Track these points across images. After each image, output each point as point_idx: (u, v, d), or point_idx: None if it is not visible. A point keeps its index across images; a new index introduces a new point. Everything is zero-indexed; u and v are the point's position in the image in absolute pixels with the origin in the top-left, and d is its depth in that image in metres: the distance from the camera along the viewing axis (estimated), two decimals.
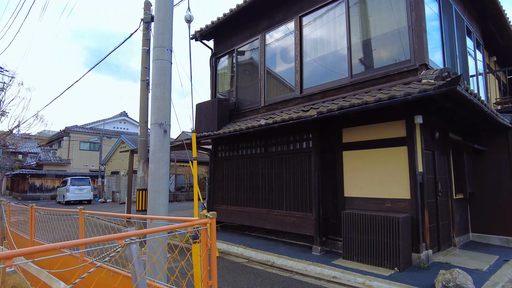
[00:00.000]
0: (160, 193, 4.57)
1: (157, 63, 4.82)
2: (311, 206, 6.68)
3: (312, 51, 7.21)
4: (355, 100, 5.51)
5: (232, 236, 8.35)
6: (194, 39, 9.86)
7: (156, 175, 4.60)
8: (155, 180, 4.59)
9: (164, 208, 4.54)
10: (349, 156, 6.56)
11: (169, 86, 4.91)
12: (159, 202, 4.53)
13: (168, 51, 4.90)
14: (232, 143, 8.97)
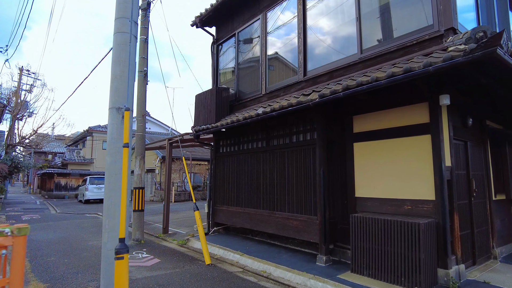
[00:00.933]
0: (117, 192, 3.79)
1: (117, 36, 4.05)
2: (316, 208, 5.68)
3: (317, 27, 6.20)
4: (363, 78, 4.47)
5: (233, 240, 7.50)
6: (195, 26, 9.11)
7: (112, 170, 3.84)
8: (111, 175, 3.82)
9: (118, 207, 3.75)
10: (361, 148, 5.50)
11: (131, 64, 4.12)
12: (115, 202, 3.76)
13: (130, 22, 4.12)
14: (232, 137, 8.12)
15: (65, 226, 11.08)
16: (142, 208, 8.63)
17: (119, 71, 3.90)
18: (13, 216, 13.97)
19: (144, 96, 9.00)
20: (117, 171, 3.74)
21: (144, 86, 9.00)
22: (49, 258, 6.57)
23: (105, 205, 3.72)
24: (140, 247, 7.67)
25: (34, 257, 6.64)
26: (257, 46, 7.52)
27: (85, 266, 5.95)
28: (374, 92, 4.95)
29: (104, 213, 3.74)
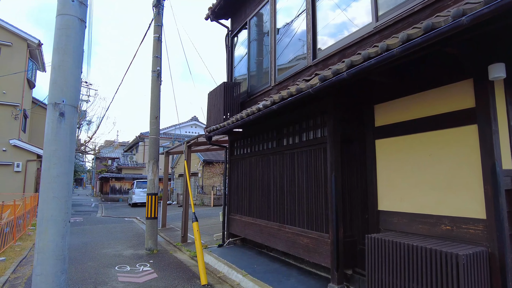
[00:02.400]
0: (50, 204, 3.09)
1: (58, 20, 3.36)
2: (327, 223, 4.51)
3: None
4: (372, 49, 3.26)
5: (244, 255, 6.57)
6: (209, 18, 8.44)
7: (46, 177, 3.15)
8: (44, 184, 3.14)
9: (54, 225, 3.06)
10: (385, 146, 4.23)
11: (76, 52, 3.44)
12: (47, 217, 3.07)
13: (75, 3, 3.45)
14: (245, 137, 7.22)
15: (97, 230, 11.16)
16: (155, 216, 8.13)
17: (58, 60, 3.24)
18: None
19: (158, 97, 8.55)
20: (51, 179, 3.08)
21: (157, 86, 8.55)
22: None
23: (38, 219, 3.09)
24: (149, 258, 7.14)
25: None
26: (267, 33, 6.54)
27: (81, 278, 5.52)
28: (392, 70, 3.71)
29: (37, 229, 3.11)
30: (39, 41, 16.75)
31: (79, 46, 3.46)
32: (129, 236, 9.94)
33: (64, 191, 3.10)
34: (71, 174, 3.28)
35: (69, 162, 3.13)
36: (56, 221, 3.03)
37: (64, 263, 3.15)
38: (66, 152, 3.13)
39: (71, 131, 3.21)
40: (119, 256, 7.21)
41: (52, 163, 3.09)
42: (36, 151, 16.47)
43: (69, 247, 8.29)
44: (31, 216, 11.38)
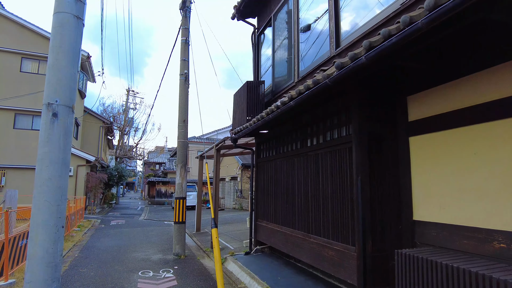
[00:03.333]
0: (41, 208, 2.94)
1: (54, 18, 3.27)
2: (354, 234, 3.93)
3: None
4: (393, 26, 2.70)
5: (270, 265, 6.12)
6: (235, 18, 8.20)
7: (38, 180, 3.02)
8: (36, 187, 3.00)
9: (45, 230, 2.90)
10: (420, 144, 3.56)
11: (71, 50, 3.31)
12: (38, 222, 2.92)
13: (71, 0, 3.34)
14: (270, 139, 6.79)
15: (134, 233, 11.42)
16: (183, 220, 8.00)
17: (52, 59, 3.13)
18: (107, 220, 15.43)
19: (186, 100, 8.47)
20: (42, 182, 2.93)
21: (185, 89, 8.48)
22: (82, 269, 6.41)
23: (30, 224, 2.96)
24: (175, 263, 6.98)
25: (74, 266, 6.60)
26: (290, 26, 6.08)
27: (102, 282, 5.49)
28: (423, 51, 3.07)
29: (29, 234, 2.97)
30: (88, 54, 17.91)
31: (75, 44, 3.28)
32: (163, 240, 9.97)
33: (57, 195, 2.92)
34: (65, 177, 3.09)
35: (62, 164, 2.95)
36: (47, 226, 2.85)
37: (56, 271, 2.94)
38: (59, 154, 2.95)
39: (65, 132, 3.03)
40: (146, 261, 7.16)
41: (44, 165, 2.92)
42: (85, 156, 17.53)
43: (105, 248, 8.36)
44: (76, 218, 11.97)
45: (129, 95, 29.45)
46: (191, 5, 8.76)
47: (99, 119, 23.17)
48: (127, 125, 28.14)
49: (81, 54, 13.44)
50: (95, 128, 22.51)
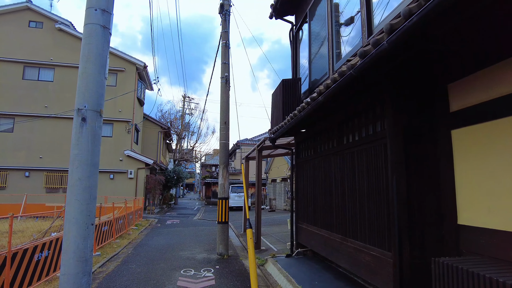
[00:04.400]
0: (73, 206, 3.18)
1: (84, 30, 3.55)
2: (390, 239, 3.57)
3: None
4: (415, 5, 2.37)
5: (310, 268, 5.89)
6: (273, 17, 8.11)
7: (70, 181, 3.27)
8: (68, 187, 3.25)
9: (76, 227, 3.12)
10: (464, 138, 3.11)
11: (98, 58, 3.53)
12: (70, 219, 3.16)
13: (98, 11, 3.56)
14: (309, 138, 6.54)
15: (185, 232, 11.91)
16: (225, 220, 8.11)
17: (81, 68, 3.37)
18: (164, 220, 16.38)
19: (227, 102, 8.60)
20: (73, 182, 3.15)
21: (226, 92, 8.61)
22: (132, 265, 6.85)
23: (64, 221, 3.20)
24: (217, 263, 7.10)
25: (125, 262, 7.08)
26: (325, 19, 5.80)
27: (146, 278, 5.78)
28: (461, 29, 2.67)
29: (64, 230, 3.20)
30: (144, 64, 19.28)
31: (102, 52, 3.47)
32: (211, 240, 10.23)
33: (86, 194, 3.10)
34: (94, 178, 3.27)
35: (91, 166, 3.13)
36: (77, 223, 3.04)
37: (87, 265, 3.12)
38: (88, 156, 3.13)
39: (93, 135, 3.21)
40: (190, 259, 7.39)
41: (75, 166, 3.12)
42: (144, 160, 18.85)
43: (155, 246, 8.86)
44: (134, 218, 12.88)
45: (185, 101, 31.03)
46: (230, 8, 8.90)
47: (157, 124, 24.78)
48: (184, 129, 29.64)
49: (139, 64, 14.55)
50: (154, 133, 24.11)
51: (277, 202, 23.27)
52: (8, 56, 17.89)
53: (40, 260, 5.11)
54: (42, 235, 7.95)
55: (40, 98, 17.96)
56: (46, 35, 18.65)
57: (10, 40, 18.11)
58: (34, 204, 15.61)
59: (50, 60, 18.34)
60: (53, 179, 17.75)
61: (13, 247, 4.52)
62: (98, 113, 3.23)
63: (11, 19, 18.36)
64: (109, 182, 17.93)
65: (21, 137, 17.56)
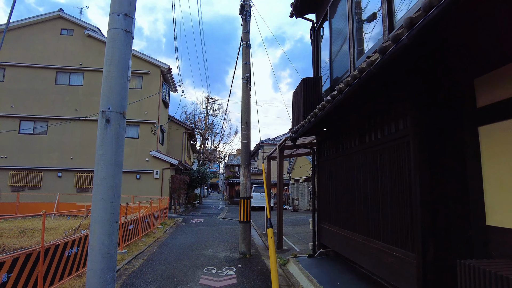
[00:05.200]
0: (98, 204, 3.33)
1: (108, 34, 3.70)
2: (413, 239, 3.45)
3: None
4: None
5: (333, 269, 5.81)
6: (294, 16, 8.07)
7: (95, 180, 3.42)
8: (94, 186, 3.41)
9: (101, 225, 3.25)
10: (492, 135, 2.96)
11: (121, 61, 3.66)
12: (95, 217, 3.30)
13: (120, 16, 3.70)
14: (331, 136, 6.45)
15: (209, 231, 12.08)
16: (247, 220, 8.14)
17: (105, 71, 3.51)
18: (188, 219, 16.70)
19: (247, 102, 8.64)
20: (98, 181, 3.28)
21: (247, 92, 8.66)
22: (156, 263, 7.03)
23: (90, 218, 3.33)
24: (239, 262, 7.15)
25: (150, 260, 7.29)
26: (345, 16, 5.70)
27: (169, 276, 5.92)
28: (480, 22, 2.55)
29: (90, 227, 3.34)
30: (168, 66, 19.74)
31: (125, 56, 3.58)
32: (233, 239, 10.31)
33: (110, 192, 3.21)
34: (118, 177, 3.38)
35: (115, 165, 3.24)
36: (102, 221, 3.16)
37: (111, 261, 3.23)
38: (112, 156, 3.25)
39: (117, 135, 3.32)
40: (213, 258, 7.49)
41: (100, 166, 3.25)
42: (169, 160, 19.28)
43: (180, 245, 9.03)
44: (160, 217, 13.22)
45: (208, 102, 31.47)
46: (250, 9, 8.94)
47: (182, 125, 25.28)
48: (207, 130, 30.08)
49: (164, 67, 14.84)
50: (178, 134, 24.62)
51: (300, 202, 23.11)
52: (43, 62, 18.88)
53: (71, 256, 5.36)
54: (73, 232, 8.33)
55: (70, 102, 18.82)
56: (76, 42, 19.52)
57: (44, 47, 19.10)
58: (66, 203, 16.39)
59: (80, 65, 19.17)
60: (83, 179, 18.54)
61: (46, 243, 4.77)
62: (121, 115, 3.34)
63: (45, 28, 19.37)
64: (135, 182, 18.49)
65: (54, 139, 18.47)
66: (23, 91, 18.56)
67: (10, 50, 18.36)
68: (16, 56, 18.62)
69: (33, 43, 19.05)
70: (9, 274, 4.00)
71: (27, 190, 17.84)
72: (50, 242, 5.02)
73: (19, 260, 4.13)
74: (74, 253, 5.48)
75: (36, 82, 18.77)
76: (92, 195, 3.29)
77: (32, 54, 18.89)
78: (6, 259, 3.96)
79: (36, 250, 4.47)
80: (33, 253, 4.39)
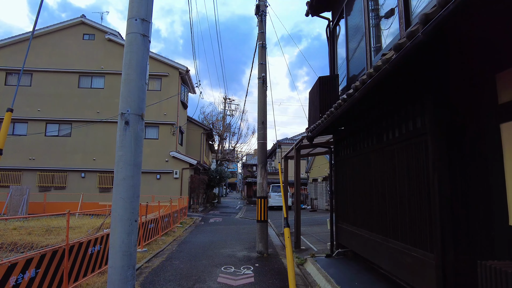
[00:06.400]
0: (118, 204, 3.44)
1: (126, 39, 3.82)
2: (432, 240, 3.38)
3: None
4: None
5: (350, 269, 5.75)
6: (309, 14, 8.03)
7: (115, 180, 3.53)
8: (114, 186, 3.53)
9: (121, 223, 3.36)
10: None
11: (139, 65, 3.77)
12: (116, 216, 3.42)
13: (138, 21, 3.81)
14: (348, 135, 6.38)
15: (227, 230, 12.19)
16: (265, 219, 8.17)
17: (124, 75, 3.62)
18: (207, 218, 16.90)
19: (264, 102, 8.66)
20: (118, 182, 3.39)
21: (263, 92, 8.68)
22: (175, 261, 7.17)
23: (111, 217, 3.45)
24: (257, 261, 7.19)
25: (169, 258, 7.44)
26: (361, 13, 5.62)
27: (188, 274, 6.03)
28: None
29: (111, 226, 3.46)
30: (186, 68, 20.03)
31: (142, 59, 3.68)
32: (251, 238, 10.37)
33: (130, 192, 3.31)
34: (137, 177, 3.47)
35: (134, 166, 3.33)
36: (122, 220, 3.26)
37: (131, 259, 3.33)
38: (131, 156, 3.34)
39: (135, 137, 3.41)
40: (231, 257, 7.56)
41: (119, 167, 3.35)
42: (188, 160, 19.57)
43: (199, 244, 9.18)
44: (179, 216, 13.45)
45: (225, 103, 31.72)
46: (266, 9, 8.95)
47: (200, 126, 25.60)
48: (225, 130, 30.32)
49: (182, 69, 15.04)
50: (197, 135, 24.96)
51: (319, 202, 22.92)
52: (67, 67, 19.58)
53: (93, 254, 5.56)
54: (96, 230, 8.62)
55: (93, 105, 19.42)
56: (98, 46, 20.13)
57: (68, 52, 19.82)
58: (89, 202, 16.94)
59: (101, 69, 19.76)
60: (105, 179, 19.10)
61: (70, 241, 4.97)
62: (139, 117, 3.43)
63: (68, 34, 20.09)
64: (155, 182, 18.88)
65: (77, 141, 19.13)
66: (49, 95, 19.32)
67: (36, 56, 19.16)
68: (42, 62, 19.40)
69: (57, 49, 19.80)
70: (37, 269, 4.19)
71: (53, 190, 18.56)
72: (74, 240, 5.23)
73: (45, 256, 4.33)
74: (96, 251, 5.68)
75: (61, 86, 19.49)
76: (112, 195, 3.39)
77: (57, 59, 19.63)
78: (34, 255, 4.16)
79: (61, 248, 4.67)
80: (58, 250, 4.58)
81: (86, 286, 5.20)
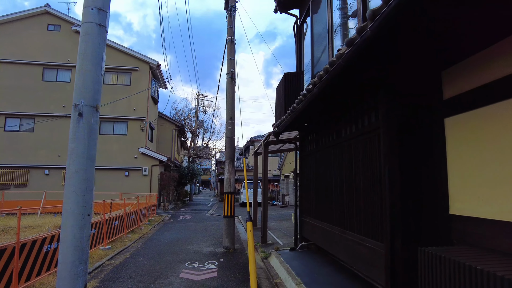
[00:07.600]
0: (70, 197, 3.30)
1: (81, 28, 3.66)
2: (383, 230, 3.53)
3: None
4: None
5: (312, 261, 5.89)
6: (278, 11, 8.08)
7: (67, 173, 3.40)
8: (66, 179, 3.39)
9: (73, 217, 3.23)
10: (455, 126, 3.05)
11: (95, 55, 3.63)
12: (67, 209, 3.28)
13: (94, 10, 3.67)
14: (312, 131, 6.52)
15: (196, 227, 12.09)
16: (232, 214, 8.18)
17: (78, 65, 3.48)
18: (177, 215, 16.67)
19: (232, 98, 8.65)
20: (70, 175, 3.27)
21: (231, 88, 8.67)
22: (139, 258, 7.03)
23: (62, 211, 3.32)
24: (222, 256, 7.19)
25: (133, 255, 7.28)
26: (324, 11, 5.75)
27: (150, 271, 5.92)
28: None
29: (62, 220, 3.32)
30: (157, 62, 19.61)
31: (98, 50, 3.54)
32: (220, 234, 10.31)
33: (82, 185, 3.19)
34: (90, 170, 3.35)
35: (87, 159, 3.22)
36: (74, 214, 3.14)
37: (83, 254, 3.22)
38: (84, 149, 3.22)
39: (89, 129, 3.29)
40: (196, 253, 7.52)
41: (72, 160, 3.22)
42: (158, 157, 19.20)
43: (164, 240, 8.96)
44: (147, 213, 13.18)
45: (198, 98, 31.36)
46: (235, 4, 8.93)
47: (172, 122, 25.16)
48: (198, 126, 30.00)
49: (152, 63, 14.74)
50: (168, 131, 24.51)
51: (290, 198, 23.23)
52: (29, 59, 18.58)
53: (49, 252, 5.33)
54: (57, 229, 8.27)
55: (58, 99, 18.56)
56: (64, 38, 19.25)
57: (31, 43, 18.80)
58: (53, 200, 16.19)
59: (68, 62, 18.93)
60: None
61: (24, 239, 4.74)
62: (94, 108, 3.32)
63: (31, 23, 19.05)
64: (124, 179, 18.38)
65: (41, 137, 18.23)
66: (9, 87, 18.26)
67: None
68: (1, 52, 18.29)
69: (19, 39, 18.74)
70: None
71: (13, 188, 17.60)
72: (28, 238, 4.99)
73: None
74: (53, 248, 5.46)
75: (23, 78, 18.47)
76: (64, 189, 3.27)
77: (18, 50, 18.58)
78: None
79: (11, 246, 4.44)
80: (7, 249, 4.36)
81: (40, 286, 4.99)
